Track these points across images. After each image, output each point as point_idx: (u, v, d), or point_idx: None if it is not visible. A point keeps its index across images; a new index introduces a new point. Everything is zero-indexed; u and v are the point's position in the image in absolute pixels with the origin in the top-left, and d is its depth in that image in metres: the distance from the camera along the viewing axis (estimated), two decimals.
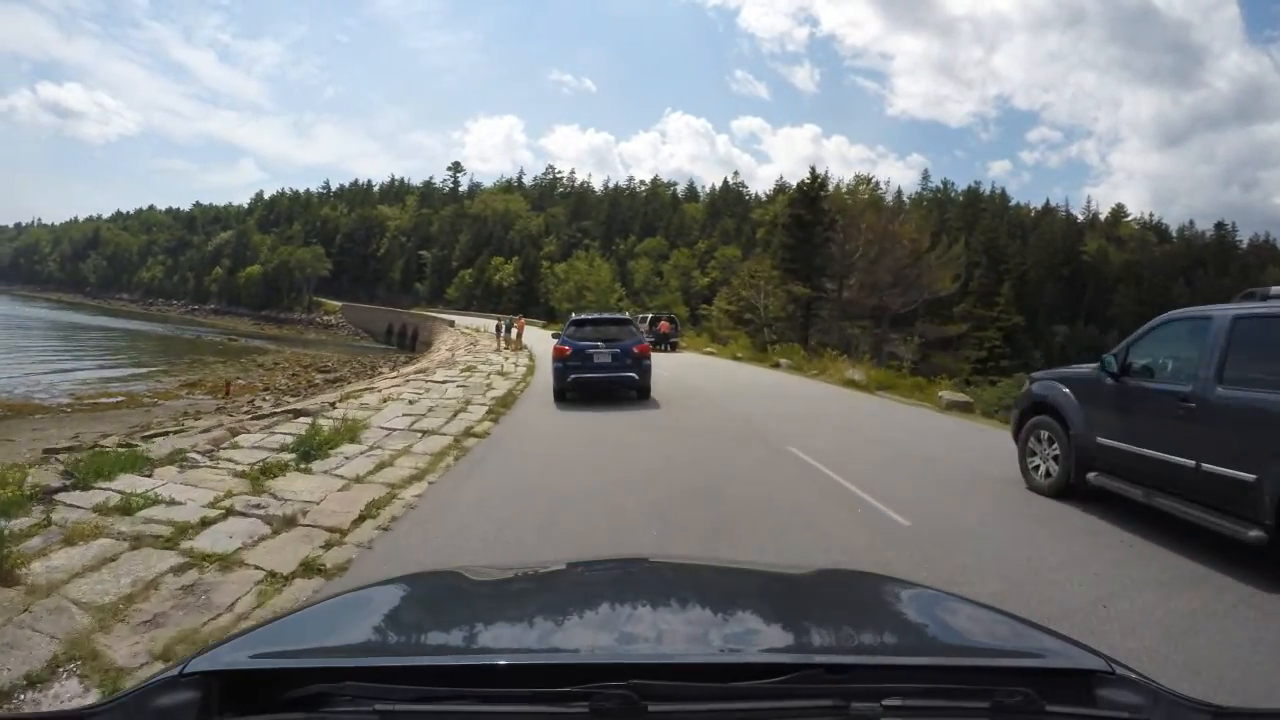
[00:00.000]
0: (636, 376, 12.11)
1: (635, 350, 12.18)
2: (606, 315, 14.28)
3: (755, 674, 0.96)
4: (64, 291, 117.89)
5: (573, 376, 11.88)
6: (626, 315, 15.89)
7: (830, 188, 34.37)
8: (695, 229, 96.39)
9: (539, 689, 0.91)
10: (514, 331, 27.74)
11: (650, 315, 29.97)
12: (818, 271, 31.87)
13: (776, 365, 21.39)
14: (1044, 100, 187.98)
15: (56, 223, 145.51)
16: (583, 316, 13.69)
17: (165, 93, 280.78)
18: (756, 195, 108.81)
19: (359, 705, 0.91)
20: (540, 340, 25.66)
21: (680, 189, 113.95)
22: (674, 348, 29.06)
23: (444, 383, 13.34)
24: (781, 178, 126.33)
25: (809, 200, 33.31)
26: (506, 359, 21.31)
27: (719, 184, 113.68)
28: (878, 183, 32.90)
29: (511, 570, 1.95)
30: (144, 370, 34.16)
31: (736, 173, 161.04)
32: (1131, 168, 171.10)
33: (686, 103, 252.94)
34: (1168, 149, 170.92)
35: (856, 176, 33.87)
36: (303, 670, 0.99)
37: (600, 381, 11.94)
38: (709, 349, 30.28)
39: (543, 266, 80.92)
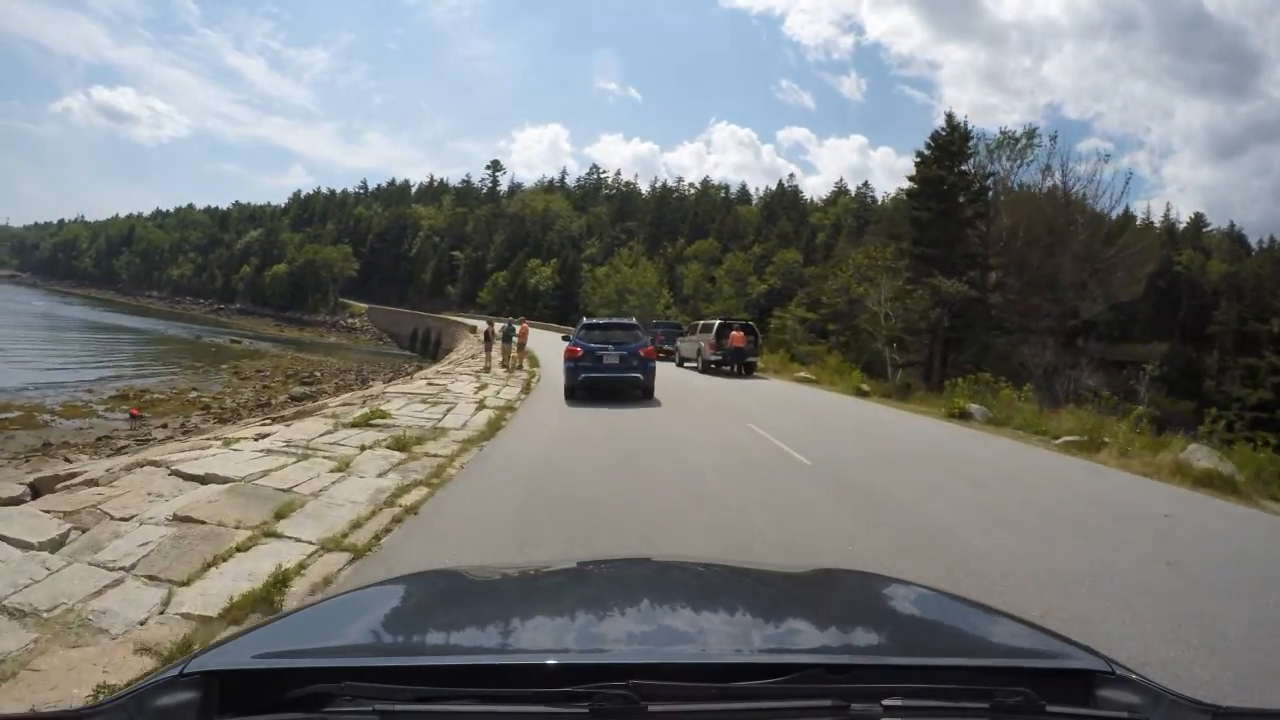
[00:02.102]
0: (641, 377, 13.21)
1: (641, 353, 13.34)
2: (615, 320, 15.50)
3: (755, 674, 0.95)
4: (97, 287, 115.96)
5: (583, 375, 12.93)
6: (633, 320, 16.08)
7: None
8: (749, 232, 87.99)
9: (539, 689, 0.90)
10: (514, 341, 19.34)
11: (716, 322, 21.27)
12: (965, 261, 22.32)
13: (959, 414, 12.57)
14: (1095, 110, 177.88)
15: (100, 220, 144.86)
16: (593, 321, 15.07)
17: (216, 98, 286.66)
18: (811, 200, 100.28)
19: (359, 705, 0.89)
20: (556, 350, 18.42)
21: (733, 190, 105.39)
22: (749, 370, 20.66)
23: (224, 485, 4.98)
24: (841, 180, 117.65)
25: (948, 157, 23.82)
26: (483, 385, 13.30)
27: (764, 192, 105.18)
28: (1039, 133, 22.77)
29: (512, 570, 1.89)
30: (98, 376, 29.36)
31: (792, 175, 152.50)
32: (1184, 180, 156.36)
33: (732, 112, 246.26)
34: (1221, 161, 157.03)
35: (1002, 131, 23.99)
36: (303, 670, 0.98)
37: (608, 381, 13.00)
38: (801, 373, 21.68)
39: (583, 269, 73.19)
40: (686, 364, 23.06)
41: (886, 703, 0.91)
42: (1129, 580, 4.35)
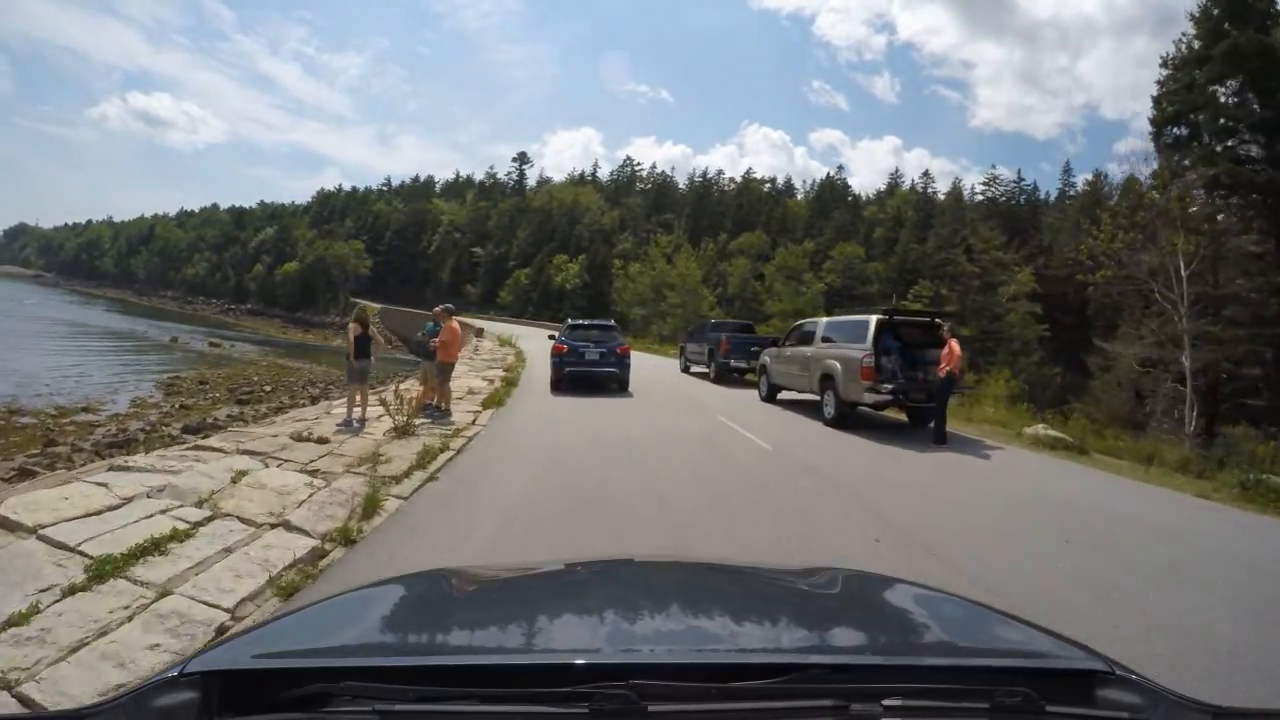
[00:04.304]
0: (618, 371, 14.43)
1: (618, 350, 14.54)
2: (596, 322, 16.24)
3: (755, 674, 0.95)
4: (115, 287, 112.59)
5: (568, 369, 14.00)
6: (611, 322, 16.73)
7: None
8: (799, 226, 79.07)
9: (539, 689, 0.90)
10: (434, 360, 10.25)
11: (872, 319, 10.39)
12: None
13: None
14: (1132, 109, 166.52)
15: (127, 220, 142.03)
16: (577, 322, 16.08)
17: (252, 103, 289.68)
18: (857, 196, 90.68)
19: (359, 705, 0.90)
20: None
21: (779, 181, 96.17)
22: (941, 425, 9.80)
23: None
24: (897, 170, 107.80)
25: (1251, 18, 13.92)
26: (183, 538, 4.29)
27: (810, 185, 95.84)
28: None
29: (512, 570, 1.87)
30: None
31: (840, 167, 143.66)
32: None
33: (764, 114, 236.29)
34: None
35: None
36: (303, 670, 0.97)
37: (589, 374, 14.15)
38: (1036, 428, 10.95)
39: (614, 266, 64.92)
40: (783, 393, 13.61)
41: (886, 703, 0.90)
42: None
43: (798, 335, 12.99)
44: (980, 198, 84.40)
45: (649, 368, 23.33)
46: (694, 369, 20.93)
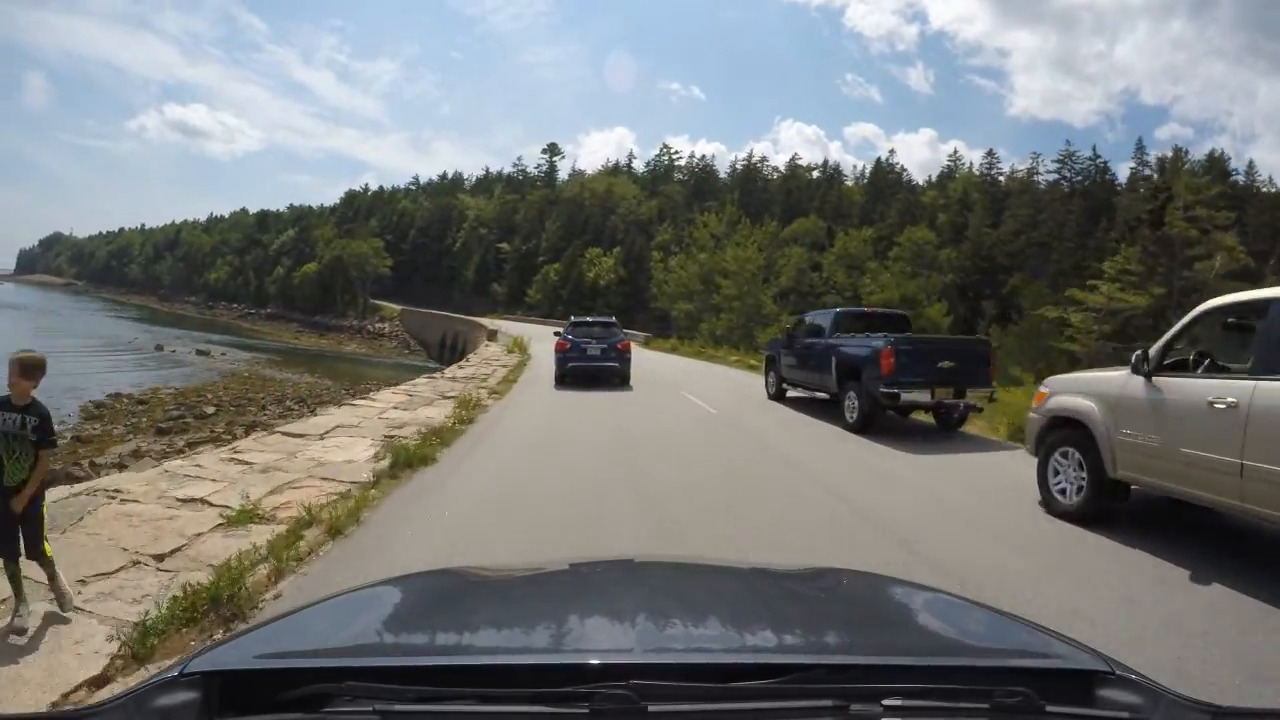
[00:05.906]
0: (618, 365, 14.90)
1: (618, 346, 15.06)
2: (598, 319, 16.71)
3: (755, 674, 0.95)
4: (142, 293, 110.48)
5: (571, 364, 14.69)
6: (613, 319, 17.17)
7: None
8: (855, 212, 71.58)
9: (539, 689, 0.90)
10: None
11: None
12: None
13: None
14: (1173, 93, 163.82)
15: (158, 226, 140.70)
16: (580, 320, 16.49)
17: (287, 111, 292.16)
18: (909, 182, 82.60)
19: (359, 705, 0.89)
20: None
21: (828, 165, 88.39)
22: None
23: None
24: (956, 151, 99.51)
25: None
26: None
27: (858, 170, 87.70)
28: None
29: (512, 570, 1.87)
30: None
31: (892, 151, 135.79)
32: (1270, 165, 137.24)
33: (798, 109, 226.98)
34: None
35: None
36: (303, 670, 0.97)
37: (591, 369, 14.71)
38: None
39: (654, 259, 58.21)
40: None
41: (886, 703, 0.91)
42: None
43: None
44: (1053, 177, 76.21)
45: (710, 386, 16.35)
46: (793, 393, 13.09)
